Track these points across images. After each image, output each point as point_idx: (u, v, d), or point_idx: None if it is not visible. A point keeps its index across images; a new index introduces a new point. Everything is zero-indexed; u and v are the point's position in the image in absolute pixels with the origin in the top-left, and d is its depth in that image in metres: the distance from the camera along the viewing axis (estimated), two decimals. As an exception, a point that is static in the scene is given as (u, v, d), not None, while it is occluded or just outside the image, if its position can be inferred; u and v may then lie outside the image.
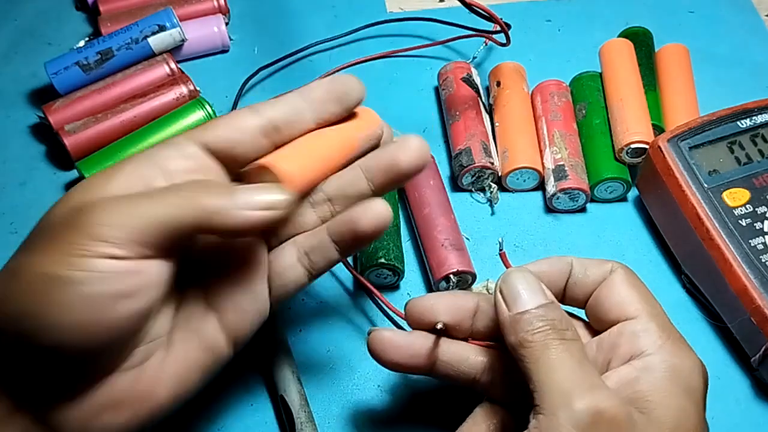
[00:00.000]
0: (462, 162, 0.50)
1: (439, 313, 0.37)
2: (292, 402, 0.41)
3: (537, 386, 0.32)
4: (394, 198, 0.49)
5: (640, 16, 0.61)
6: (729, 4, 0.63)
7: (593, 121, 0.52)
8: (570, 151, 0.50)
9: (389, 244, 0.46)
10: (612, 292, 0.36)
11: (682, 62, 0.55)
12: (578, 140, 0.51)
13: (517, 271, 0.35)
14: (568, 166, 0.49)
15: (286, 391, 0.42)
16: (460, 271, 0.45)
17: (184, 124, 0.52)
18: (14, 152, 0.55)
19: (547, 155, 0.50)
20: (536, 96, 0.54)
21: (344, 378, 0.44)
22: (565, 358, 0.32)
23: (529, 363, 0.32)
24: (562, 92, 0.53)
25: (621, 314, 0.35)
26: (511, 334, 0.33)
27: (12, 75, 0.59)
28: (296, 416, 0.41)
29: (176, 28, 0.56)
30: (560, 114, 0.52)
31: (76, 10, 0.63)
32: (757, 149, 0.46)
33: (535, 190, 0.52)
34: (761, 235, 0.43)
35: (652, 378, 0.33)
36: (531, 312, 0.33)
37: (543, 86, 0.54)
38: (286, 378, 0.42)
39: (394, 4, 0.64)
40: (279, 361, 0.43)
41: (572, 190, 0.49)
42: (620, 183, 0.50)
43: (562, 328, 0.33)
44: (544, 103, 0.53)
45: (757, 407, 0.43)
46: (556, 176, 0.49)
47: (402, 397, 0.44)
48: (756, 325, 0.42)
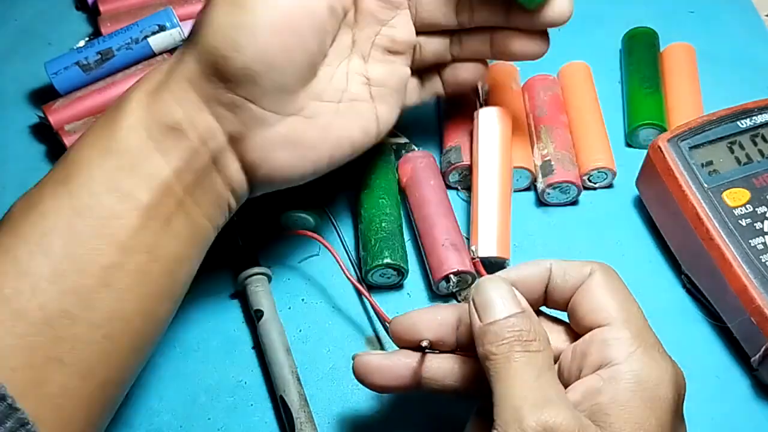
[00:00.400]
0: (450, 159, 0.51)
1: (422, 330, 0.37)
2: (292, 402, 0.41)
3: (495, 400, 0.31)
4: (396, 198, 0.49)
5: (640, 16, 0.61)
6: (729, 4, 0.63)
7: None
8: (556, 144, 0.50)
9: (394, 243, 0.46)
10: (587, 298, 0.35)
11: (687, 62, 0.55)
12: (566, 131, 0.52)
13: (489, 280, 0.34)
14: (555, 160, 0.50)
15: (285, 392, 0.42)
16: (460, 271, 0.45)
17: (184, 124, 0.52)
18: (14, 152, 0.55)
19: (535, 152, 0.51)
20: (524, 93, 0.54)
21: (344, 378, 0.44)
22: (525, 372, 0.31)
23: (491, 376, 0.32)
24: (548, 85, 0.54)
25: (595, 320, 0.34)
26: (479, 346, 0.33)
27: (12, 75, 0.59)
28: (296, 416, 0.41)
29: (176, 28, 0.56)
30: (546, 109, 0.52)
31: (76, 10, 0.63)
32: (757, 149, 0.46)
33: (528, 190, 0.52)
34: (761, 235, 0.43)
35: (615, 389, 0.31)
36: (499, 323, 0.32)
37: (530, 83, 0.54)
38: (285, 378, 0.42)
39: (394, 4, 0.63)
40: (278, 361, 0.43)
41: (560, 183, 0.49)
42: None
43: (528, 339, 0.32)
44: (531, 100, 0.54)
45: (757, 407, 0.43)
46: (544, 172, 0.50)
47: (402, 396, 0.44)
48: (756, 325, 0.42)
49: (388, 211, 0.47)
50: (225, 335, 0.46)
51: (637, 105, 0.54)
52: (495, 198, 0.47)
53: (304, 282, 0.48)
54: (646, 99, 0.53)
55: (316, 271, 0.49)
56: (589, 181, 0.51)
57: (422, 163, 0.50)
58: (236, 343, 0.46)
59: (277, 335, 0.44)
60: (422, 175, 0.49)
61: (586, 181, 0.51)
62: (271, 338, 0.44)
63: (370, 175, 0.49)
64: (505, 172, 0.48)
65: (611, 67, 0.59)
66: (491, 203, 0.47)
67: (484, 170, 0.48)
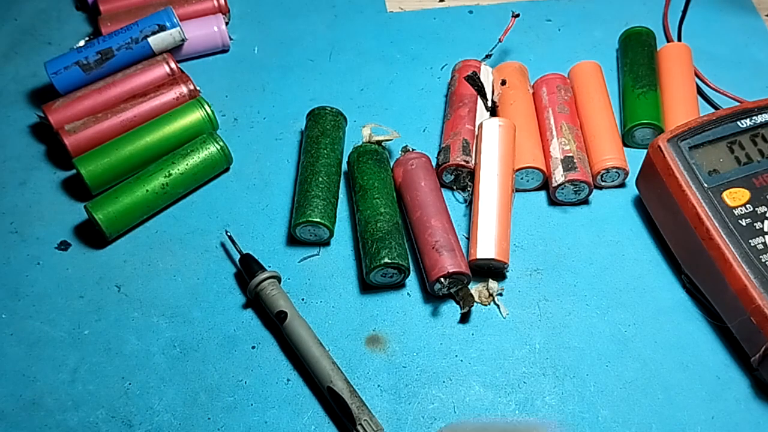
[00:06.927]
0: (439, 160, 0.51)
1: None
2: (342, 390, 0.41)
3: None
4: (392, 196, 0.49)
5: (639, 16, 0.62)
6: (729, 4, 0.63)
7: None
8: (578, 144, 0.50)
9: (392, 243, 0.46)
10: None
11: (684, 61, 0.55)
12: (582, 137, 0.52)
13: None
14: (577, 159, 0.50)
15: (332, 382, 0.42)
16: (451, 273, 0.45)
17: (184, 124, 0.52)
18: (14, 152, 0.55)
19: (555, 145, 0.51)
20: (541, 88, 0.54)
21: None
22: None
23: None
24: (568, 87, 0.54)
25: None
26: None
27: (12, 75, 0.59)
28: (350, 402, 0.41)
29: (176, 28, 0.56)
30: (567, 108, 0.52)
31: (76, 10, 0.63)
32: (757, 149, 0.46)
33: (539, 190, 0.52)
34: (761, 235, 0.43)
35: None
36: None
37: (548, 79, 0.54)
38: (327, 370, 0.42)
39: (394, 4, 0.64)
40: (314, 356, 0.43)
41: (579, 182, 0.49)
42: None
43: None
44: (550, 95, 0.53)
45: (757, 407, 0.43)
46: (565, 167, 0.49)
47: (402, 397, 0.44)
48: (756, 325, 0.42)
49: (383, 211, 0.47)
50: (225, 335, 0.46)
51: (631, 105, 0.54)
52: (495, 206, 0.47)
53: (304, 282, 0.48)
54: (640, 99, 0.53)
55: (316, 271, 0.49)
56: (601, 180, 0.51)
57: (414, 164, 0.50)
58: (236, 343, 0.46)
59: (305, 331, 0.44)
60: (414, 176, 0.49)
61: (598, 181, 0.51)
62: (301, 335, 0.44)
63: (363, 177, 0.49)
64: (505, 182, 0.48)
65: (611, 67, 0.59)
66: (491, 211, 0.47)
67: (485, 180, 0.48)
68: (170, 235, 0.50)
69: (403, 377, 0.44)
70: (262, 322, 0.46)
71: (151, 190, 0.49)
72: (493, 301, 0.47)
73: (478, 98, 0.53)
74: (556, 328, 0.46)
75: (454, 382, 0.44)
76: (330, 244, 0.50)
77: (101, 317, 0.47)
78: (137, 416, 0.43)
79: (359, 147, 0.51)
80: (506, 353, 0.45)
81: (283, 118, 0.56)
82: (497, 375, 0.44)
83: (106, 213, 0.48)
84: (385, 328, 0.46)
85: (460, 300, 0.46)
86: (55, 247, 0.49)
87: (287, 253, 0.49)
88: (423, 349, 0.45)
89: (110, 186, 0.50)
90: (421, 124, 0.55)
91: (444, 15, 0.61)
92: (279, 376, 0.44)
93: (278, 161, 0.54)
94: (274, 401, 0.43)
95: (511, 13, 0.55)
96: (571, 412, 0.43)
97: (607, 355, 0.45)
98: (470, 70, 0.54)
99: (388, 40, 0.61)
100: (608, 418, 0.43)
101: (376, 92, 0.57)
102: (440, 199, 0.49)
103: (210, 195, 0.52)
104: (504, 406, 0.43)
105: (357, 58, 0.60)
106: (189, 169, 0.50)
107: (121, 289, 0.47)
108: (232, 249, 0.49)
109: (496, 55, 0.59)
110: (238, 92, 0.58)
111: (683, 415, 0.43)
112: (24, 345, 0.45)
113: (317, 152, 0.50)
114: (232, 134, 0.55)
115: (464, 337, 0.46)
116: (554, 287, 0.48)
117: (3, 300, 0.47)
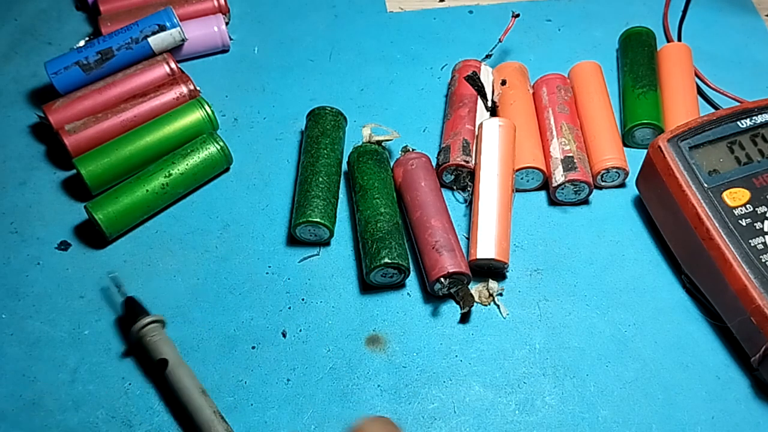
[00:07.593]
0: (439, 160, 0.51)
1: None
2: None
3: None
4: (392, 196, 0.49)
5: (639, 16, 0.62)
6: (729, 4, 0.63)
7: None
8: (578, 144, 0.51)
9: (391, 243, 0.46)
10: None
11: (684, 61, 0.55)
12: (582, 137, 0.52)
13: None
14: (577, 159, 0.50)
15: None
16: (451, 273, 0.45)
17: (184, 124, 0.52)
18: (14, 152, 0.55)
19: (555, 145, 0.51)
20: (541, 88, 0.54)
21: (344, 378, 0.44)
22: None
23: None
24: (568, 87, 0.54)
25: None
26: None
27: (12, 75, 0.59)
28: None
29: (176, 28, 0.56)
30: (567, 108, 0.52)
31: (76, 10, 0.63)
32: (757, 149, 0.46)
33: (539, 190, 0.52)
34: (761, 235, 0.43)
35: None
36: None
37: (548, 79, 0.54)
38: (209, 420, 0.41)
39: (394, 4, 0.64)
40: (197, 406, 0.41)
41: (580, 182, 0.49)
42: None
43: None
44: (550, 95, 0.53)
45: (757, 407, 0.43)
46: (565, 167, 0.49)
47: (402, 397, 0.44)
48: (756, 325, 0.42)
49: (382, 210, 0.47)
50: (225, 335, 0.46)
51: (631, 105, 0.54)
52: (495, 206, 0.47)
53: (304, 282, 0.48)
54: (640, 99, 0.53)
55: (316, 271, 0.49)
56: (601, 180, 0.51)
57: (414, 164, 0.50)
58: (236, 343, 0.46)
59: (189, 379, 0.43)
60: (414, 176, 0.49)
61: (598, 181, 0.51)
62: (184, 384, 0.42)
63: (363, 177, 0.49)
64: (505, 182, 0.48)
65: (611, 67, 0.59)
66: (491, 211, 0.47)
67: (485, 180, 0.48)
68: (170, 235, 0.50)
69: (403, 377, 0.44)
70: (262, 323, 0.46)
71: (151, 190, 0.49)
72: (493, 301, 0.47)
73: (478, 98, 0.53)
74: (556, 328, 0.46)
75: (454, 382, 0.44)
76: (330, 244, 0.50)
77: (101, 317, 0.47)
78: (137, 416, 0.43)
79: (359, 147, 0.51)
80: (506, 353, 0.45)
81: (283, 118, 0.56)
82: (497, 375, 0.44)
83: (106, 213, 0.48)
84: (385, 328, 0.46)
85: (460, 300, 0.46)
86: (55, 247, 0.49)
87: (287, 253, 0.49)
88: (423, 349, 0.45)
89: (110, 186, 0.50)
90: (421, 124, 0.56)
91: (444, 15, 0.61)
92: (279, 376, 0.44)
93: (278, 161, 0.54)
94: (274, 401, 0.43)
95: (511, 13, 0.55)
96: (571, 412, 0.43)
97: (607, 355, 0.45)
98: (470, 70, 0.54)
99: (388, 40, 0.61)
100: (608, 418, 0.43)
101: (376, 92, 0.58)
102: (440, 199, 0.49)
103: (210, 195, 0.52)
104: (504, 406, 0.43)
105: (357, 58, 0.60)
106: (189, 169, 0.50)
107: (122, 289, 0.47)
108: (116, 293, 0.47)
109: (496, 55, 0.59)
110: (238, 92, 0.58)
111: (683, 415, 0.43)
112: (24, 345, 0.45)
113: (317, 152, 0.50)
114: (232, 134, 0.55)
115: (464, 337, 0.46)
116: (554, 287, 0.48)
117: (3, 300, 0.47)
